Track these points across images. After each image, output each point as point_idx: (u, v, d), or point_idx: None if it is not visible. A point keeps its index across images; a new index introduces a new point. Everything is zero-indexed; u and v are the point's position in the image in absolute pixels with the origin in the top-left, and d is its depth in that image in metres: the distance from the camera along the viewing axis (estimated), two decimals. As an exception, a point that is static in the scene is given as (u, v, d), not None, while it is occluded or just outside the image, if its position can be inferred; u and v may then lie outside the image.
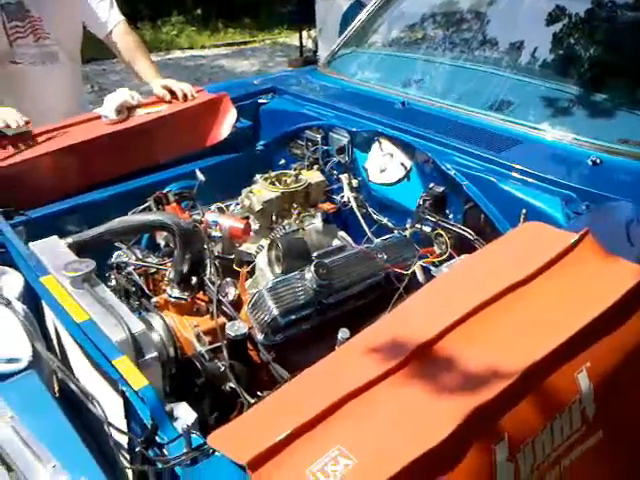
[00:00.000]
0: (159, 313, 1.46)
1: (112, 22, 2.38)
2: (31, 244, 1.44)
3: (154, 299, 1.51)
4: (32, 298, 1.39)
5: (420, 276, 1.59)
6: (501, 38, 2.11)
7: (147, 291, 1.54)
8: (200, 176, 1.90)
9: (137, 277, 1.57)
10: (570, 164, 1.57)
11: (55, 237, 1.49)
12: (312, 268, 1.42)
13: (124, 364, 1.05)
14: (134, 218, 1.54)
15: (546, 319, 1.03)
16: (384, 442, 0.85)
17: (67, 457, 0.96)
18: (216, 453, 0.90)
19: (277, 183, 1.71)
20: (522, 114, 1.76)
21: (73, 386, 1.15)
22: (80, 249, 1.46)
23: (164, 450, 0.98)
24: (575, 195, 1.43)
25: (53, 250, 1.43)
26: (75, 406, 1.17)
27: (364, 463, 0.81)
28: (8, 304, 1.26)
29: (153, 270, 1.61)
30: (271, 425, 0.88)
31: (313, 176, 1.76)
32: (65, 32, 2.35)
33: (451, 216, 1.64)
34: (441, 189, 1.64)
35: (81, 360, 1.29)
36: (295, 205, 1.67)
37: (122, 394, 1.09)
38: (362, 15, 2.53)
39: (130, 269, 1.58)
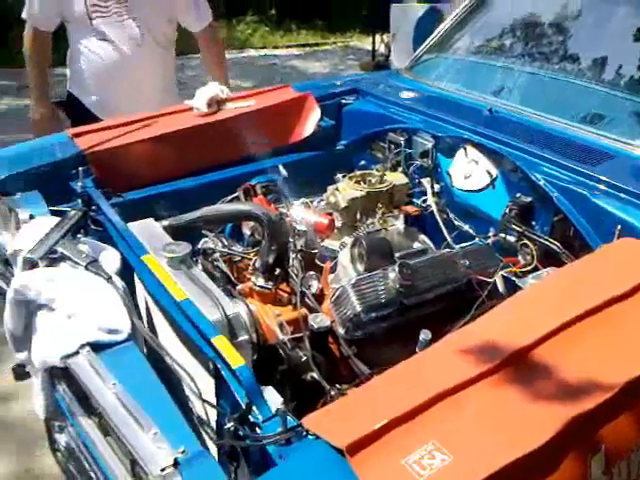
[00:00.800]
0: (243, 300, 1.51)
1: (205, 21, 2.50)
2: (129, 224, 1.52)
3: (239, 286, 1.56)
4: (125, 275, 1.46)
5: (500, 285, 1.58)
6: (593, 50, 2.07)
7: (232, 278, 1.59)
8: (283, 171, 1.95)
9: (223, 264, 1.62)
10: (666, 182, 1.53)
11: (151, 219, 1.56)
12: (396, 268, 1.44)
13: (222, 343, 1.09)
14: (226, 207, 1.60)
15: (646, 335, 1.01)
16: (479, 442, 0.86)
17: (166, 426, 1.00)
18: (309, 436, 0.94)
19: (362, 182, 1.74)
20: (616, 128, 1.72)
21: (168, 360, 1.21)
22: (174, 233, 1.53)
23: (256, 429, 1.02)
24: (671, 214, 1.39)
25: (150, 231, 1.51)
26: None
27: (460, 460, 0.83)
28: (109, 279, 1.33)
29: (237, 258, 1.67)
30: (366, 414, 0.91)
31: (397, 178, 1.78)
32: (153, 17, 2.42)
33: (537, 227, 1.62)
34: (528, 199, 1.62)
35: (170, 337, 1.35)
36: (380, 205, 1.69)
37: (215, 372, 1.14)
38: (447, 21, 2.53)
39: (216, 256, 1.64)
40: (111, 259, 1.44)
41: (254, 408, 1.02)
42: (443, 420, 0.88)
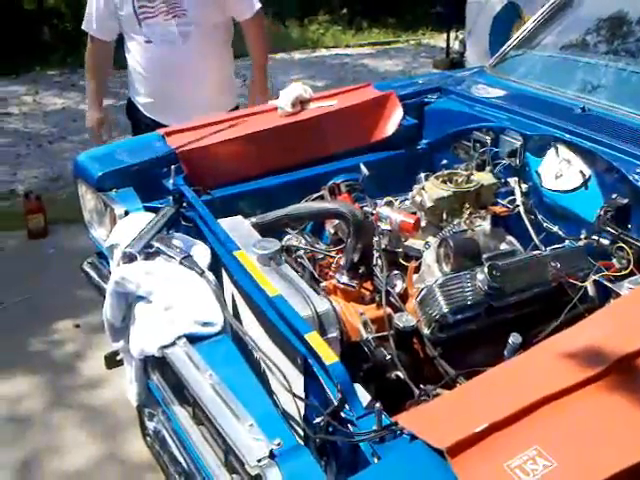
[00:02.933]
0: (327, 297, 1.52)
1: (254, 8, 2.45)
2: (220, 221, 1.56)
3: (323, 283, 1.57)
4: (212, 270, 1.50)
5: (592, 290, 1.52)
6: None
7: (316, 275, 1.61)
8: (364, 170, 1.95)
9: (307, 261, 1.64)
10: None
11: (240, 217, 1.60)
12: (485, 269, 1.42)
13: (315, 339, 1.11)
14: (314, 205, 1.62)
15: None
16: (585, 449, 0.83)
17: (261, 418, 1.02)
18: (403, 435, 0.93)
19: (448, 182, 1.72)
20: None
21: (257, 354, 1.24)
22: (262, 230, 1.57)
23: (348, 425, 1.03)
24: None
25: (239, 228, 1.55)
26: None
27: (565, 467, 0.80)
28: (202, 273, 1.38)
29: (320, 256, 1.68)
30: (464, 416, 0.90)
31: (485, 178, 1.75)
32: (204, 11, 2.36)
33: (634, 231, 1.55)
34: (625, 201, 1.55)
35: (257, 332, 1.38)
36: (467, 205, 1.66)
37: (305, 367, 1.16)
38: (535, 17, 2.46)
39: (300, 253, 1.66)
40: (202, 254, 1.49)
41: (346, 405, 1.03)
42: (546, 425, 0.86)
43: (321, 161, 2.05)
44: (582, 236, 1.63)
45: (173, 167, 1.78)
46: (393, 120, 2.15)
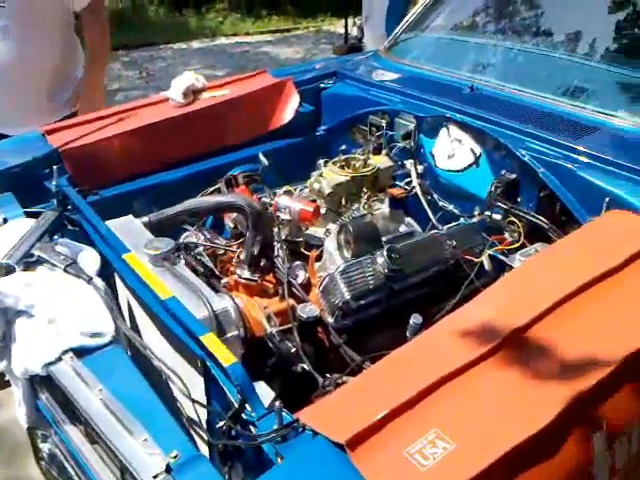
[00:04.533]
0: (229, 294, 1.47)
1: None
2: (108, 222, 1.47)
3: (224, 280, 1.52)
4: (105, 275, 1.41)
5: (487, 264, 1.57)
6: (574, 22, 2.05)
7: (217, 272, 1.55)
8: (264, 160, 1.91)
9: (207, 258, 1.58)
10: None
11: (130, 216, 1.51)
12: (384, 253, 1.42)
13: (211, 341, 1.06)
14: (209, 199, 1.56)
15: (641, 309, 1.00)
16: (482, 427, 0.84)
17: (157, 430, 0.97)
18: (306, 431, 0.91)
19: (346, 167, 1.71)
20: (598, 101, 1.70)
21: (155, 362, 1.18)
22: (155, 228, 1.49)
23: (250, 427, 0.99)
24: (659, 184, 1.38)
25: (130, 229, 1.46)
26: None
27: (463, 447, 0.81)
28: (90, 280, 1.29)
29: (221, 252, 1.63)
30: (364, 406, 0.88)
31: (382, 161, 1.75)
32: (24, 2, 2.05)
33: (523, 204, 1.60)
34: (513, 176, 1.60)
35: (155, 337, 1.31)
36: (365, 190, 1.66)
37: (204, 370, 1.11)
38: (425, -1, 2.49)
39: (199, 250, 1.60)
40: (90, 260, 1.39)
41: (247, 406, 0.99)
42: (444, 407, 0.86)
43: (219, 153, 1.98)
44: (476, 213, 1.67)
45: (55, 167, 1.66)
46: (290, 107, 2.12)
